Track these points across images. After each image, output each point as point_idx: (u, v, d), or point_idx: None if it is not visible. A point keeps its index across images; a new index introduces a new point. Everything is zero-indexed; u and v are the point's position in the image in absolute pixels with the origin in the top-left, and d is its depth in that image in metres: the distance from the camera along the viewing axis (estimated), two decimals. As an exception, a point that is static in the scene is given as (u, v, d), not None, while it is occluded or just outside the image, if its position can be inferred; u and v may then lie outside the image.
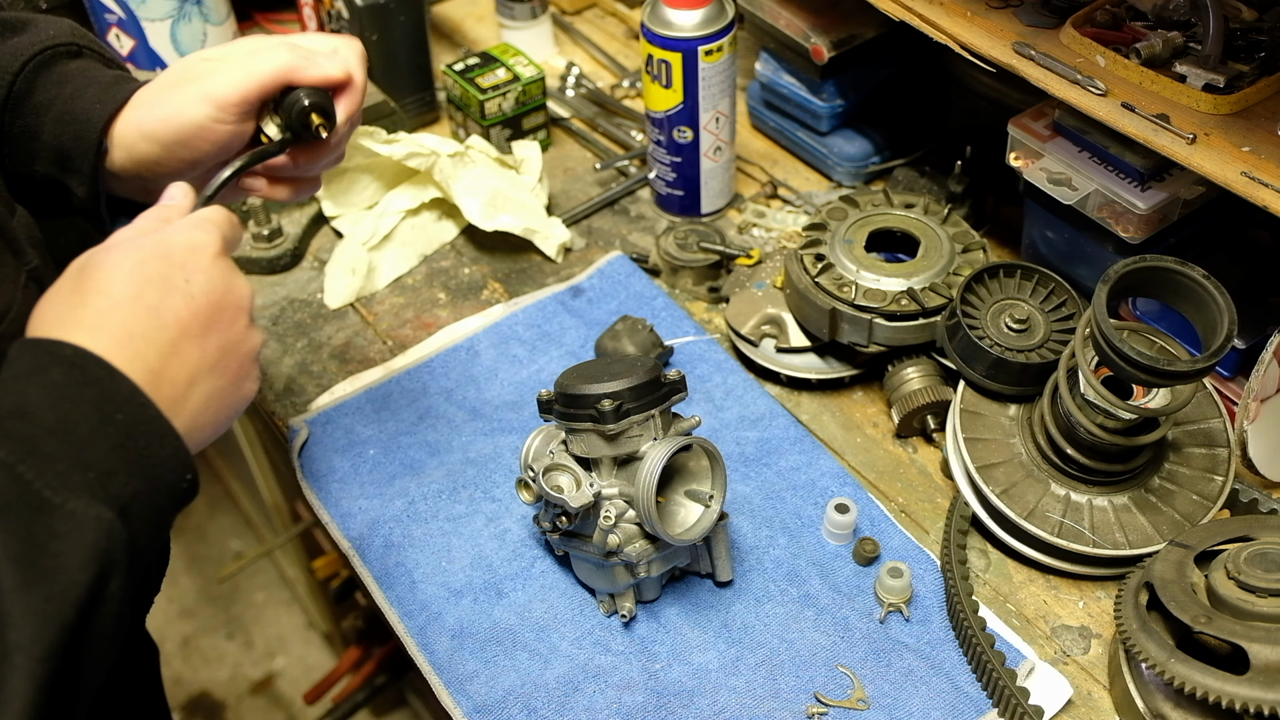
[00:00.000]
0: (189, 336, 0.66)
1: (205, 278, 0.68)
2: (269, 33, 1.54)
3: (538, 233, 1.23)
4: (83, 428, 0.59)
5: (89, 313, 0.64)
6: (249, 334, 0.71)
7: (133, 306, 0.64)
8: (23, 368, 0.60)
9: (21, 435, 0.57)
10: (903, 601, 0.93)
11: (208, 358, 0.67)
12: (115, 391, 0.61)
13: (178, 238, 0.68)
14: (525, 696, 0.89)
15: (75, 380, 0.60)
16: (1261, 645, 0.76)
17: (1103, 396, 0.89)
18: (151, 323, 0.65)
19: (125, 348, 0.63)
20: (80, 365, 0.61)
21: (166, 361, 0.64)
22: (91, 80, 0.85)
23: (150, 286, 0.65)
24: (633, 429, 0.87)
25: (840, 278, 1.06)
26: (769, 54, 1.30)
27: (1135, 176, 0.99)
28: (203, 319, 0.67)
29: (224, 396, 0.69)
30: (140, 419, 0.61)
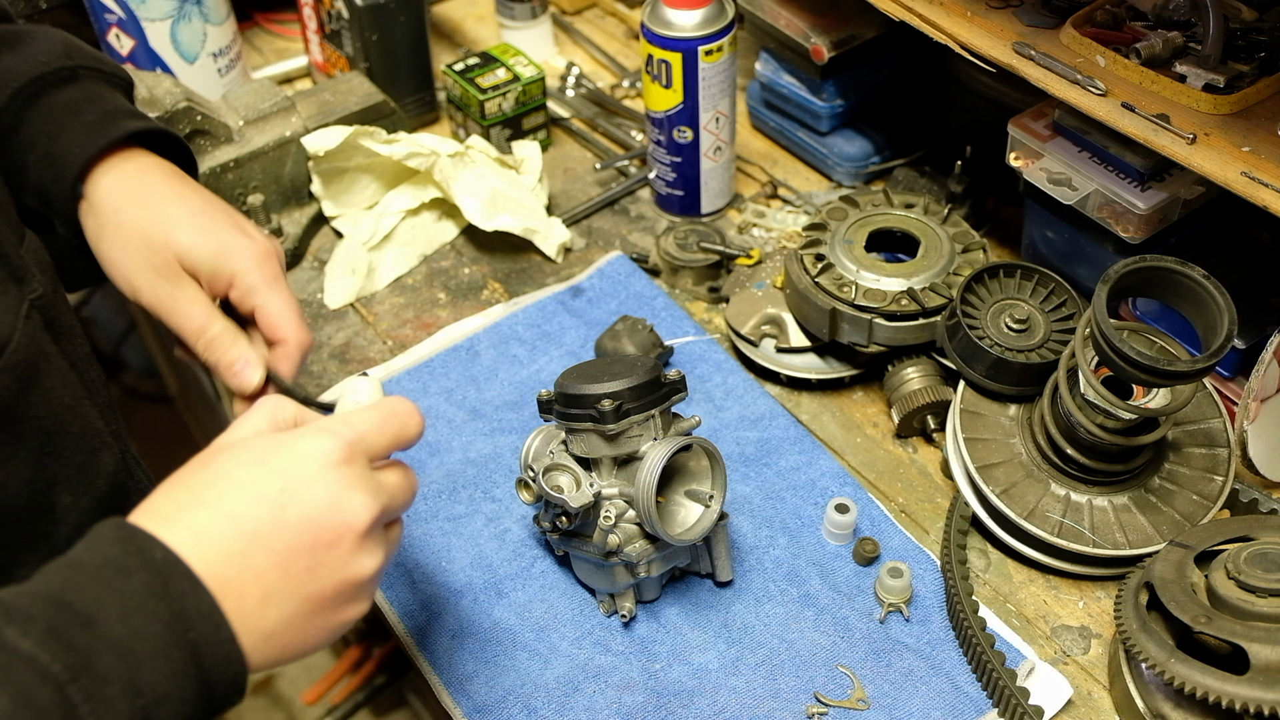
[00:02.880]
0: (271, 553, 0.60)
1: (305, 491, 0.61)
2: (269, 33, 1.54)
3: (538, 233, 1.23)
4: (147, 647, 0.55)
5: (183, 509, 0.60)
6: (353, 559, 0.63)
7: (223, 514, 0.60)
8: (106, 559, 0.56)
9: (83, 648, 0.53)
10: (903, 601, 0.93)
11: (293, 579, 0.61)
12: (195, 607, 0.57)
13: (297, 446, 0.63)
14: (525, 696, 0.89)
15: (155, 591, 0.56)
16: (1261, 645, 0.76)
17: (1103, 396, 0.89)
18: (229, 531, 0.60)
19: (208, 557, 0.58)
20: (165, 573, 0.57)
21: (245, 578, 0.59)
22: (77, 116, 0.82)
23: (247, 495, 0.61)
24: (633, 429, 0.87)
25: (840, 278, 1.06)
26: (769, 54, 1.30)
27: (1135, 176, 0.99)
28: (290, 538, 0.61)
29: (307, 620, 0.62)
30: (212, 640, 0.57)
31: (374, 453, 0.66)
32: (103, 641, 0.54)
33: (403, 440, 0.68)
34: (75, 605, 0.54)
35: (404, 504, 0.68)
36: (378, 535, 0.65)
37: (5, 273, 0.71)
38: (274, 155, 1.23)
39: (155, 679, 0.55)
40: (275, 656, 0.62)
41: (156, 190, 0.82)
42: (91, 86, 0.85)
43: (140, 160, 0.84)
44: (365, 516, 0.63)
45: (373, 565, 0.64)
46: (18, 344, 0.69)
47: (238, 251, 0.81)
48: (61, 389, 0.74)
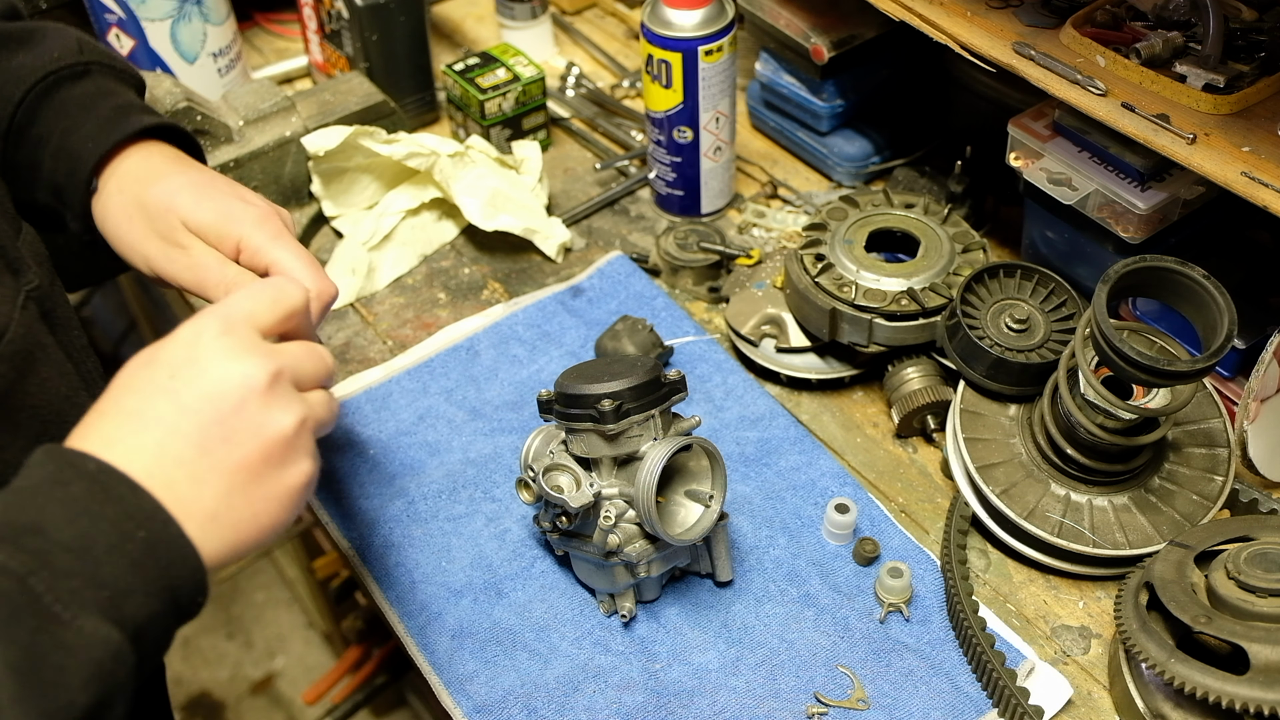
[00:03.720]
0: (181, 435, 0.61)
1: (194, 370, 0.62)
2: (269, 33, 1.54)
3: (538, 233, 1.23)
4: (100, 545, 0.56)
5: (91, 427, 0.61)
6: (265, 416, 0.63)
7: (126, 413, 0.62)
8: (43, 479, 0.58)
9: (36, 550, 0.55)
10: (903, 601, 0.93)
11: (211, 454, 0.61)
12: (138, 508, 0.58)
13: (176, 334, 0.64)
14: (525, 696, 0.89)
15: (96, 496, 0.57)
16: (1261, 645, 0.76)
17: (1103, 396, 0.89)
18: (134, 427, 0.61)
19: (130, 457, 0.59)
20: (100, 479, 0.58)
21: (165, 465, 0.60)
22: (90, 112, 0.84)
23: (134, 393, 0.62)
24: (633, 429, 0.87)
25: (840, 278, 1.06)
26: (769, 54, 1.30)
27: (1135, 176, 0.99)
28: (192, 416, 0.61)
29: (249, 491, 0.62)
30: (163, 537, 0.58)
31: (257, 322, 0.66)
32: (55, 543, 0.55)
33: (284, 304, 0.68)
34: (20, 520, 0.56)
35: (311, 370, 0.68)
36: (285, 392, 0.64)
37: (1, 264, 0.72)
38: (274, 155, 1.23)
39: (115, 572, 0.56)
40: (231, 539, 0.62)
41: (158, 169, 0.85)
42: (104, 82, 0.86)
43: (152, 151, 0.86)
44: (260, 375, 0.63)
45: (288, 420, 0.64)
46: (13, 334, 0.70)
47: (239, 215, 0.83)
48: (58, 379, 0.74)
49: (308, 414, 0.66)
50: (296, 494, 0.65)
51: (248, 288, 0.69)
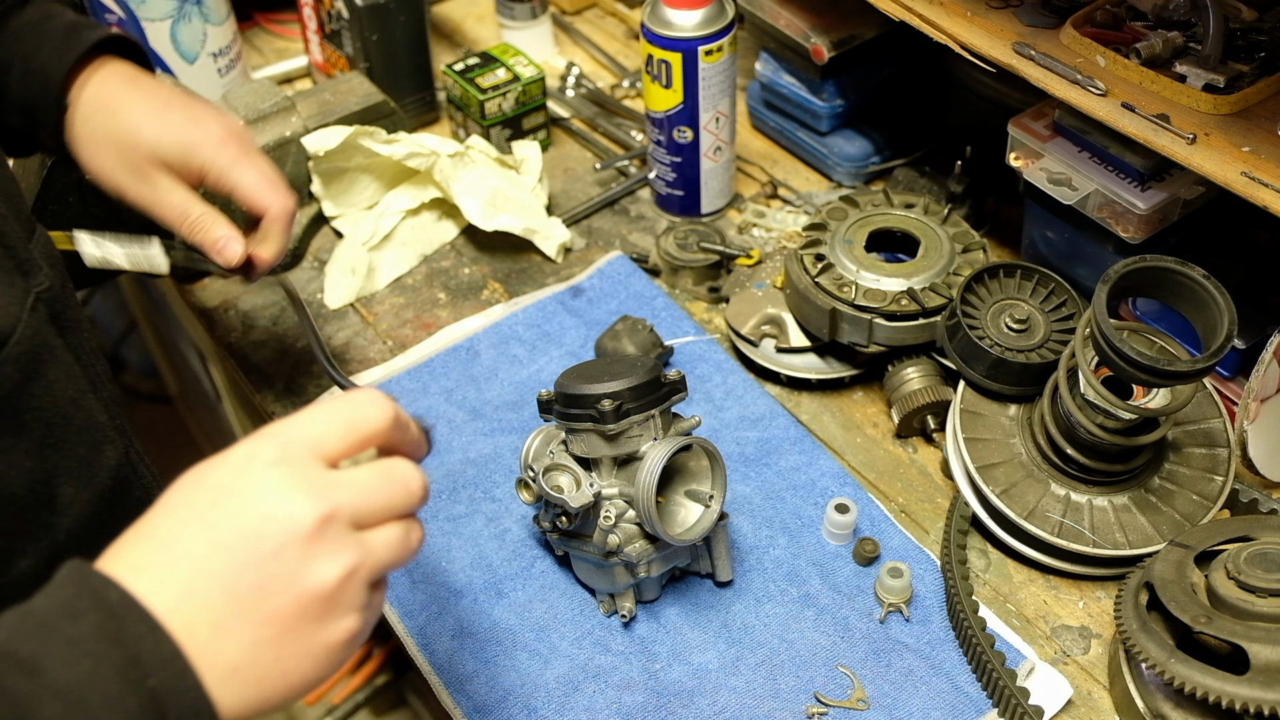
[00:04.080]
0: (209, 576, 0.54)
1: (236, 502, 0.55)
2: (269, 33, 1.54)
3: (538, 233, 1.23)
4: (98, 694, 0.50)
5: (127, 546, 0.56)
6: (305, 567, 0.55)
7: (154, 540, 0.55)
8: (57, 603, 0.52)
9: (23, 695, 0.49)
10: (903, 601, 0.93)
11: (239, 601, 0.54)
12: (154, 651, 0.52)
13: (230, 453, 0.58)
14: (525, 696, 0.89)
15: (108, 635, 0.51)
16: (1261, 645, 0.76)
17: (1103, 396, 0.89)
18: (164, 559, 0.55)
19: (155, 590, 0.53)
20: (120, 616, 0.52)
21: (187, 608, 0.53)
22: (46, 33, 0.87)
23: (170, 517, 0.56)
24: (633, 429, 0.87)
25: (840, 278, 1.06)
26: (769, 54, 1.30)
27: (1135, 176, 0.99)
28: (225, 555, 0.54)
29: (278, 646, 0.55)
30: (175, 688, 0.52)
31: (323, 449, 0.58)
32: (47, 690, 0.49)
33: (359, 430, 0.59)
34: (20, 653, 0.50)
35: (382, 502, 0.59)
36: (336, 537, 0.56)
37: (12, 265, 0.71)
38: (274, 155, 1.23)
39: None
40: (253, 696, 0.55)
41: (121, 94, 0.88)
42: (47, 5, 0.90)
43: (108, 67, 0.89)
44: (307, 516, 0.55)
45: (332, 571, 0.55)
46: (21, 335, 0.69)
47: (198, 144, 0.88)
48: (65, 382, 0.74)
49: (361, 561, 0.57)
50: (335, 652, 0.57)
51: (321, 406, 0.60)
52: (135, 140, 0.87)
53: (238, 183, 0.89)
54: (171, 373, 2.26)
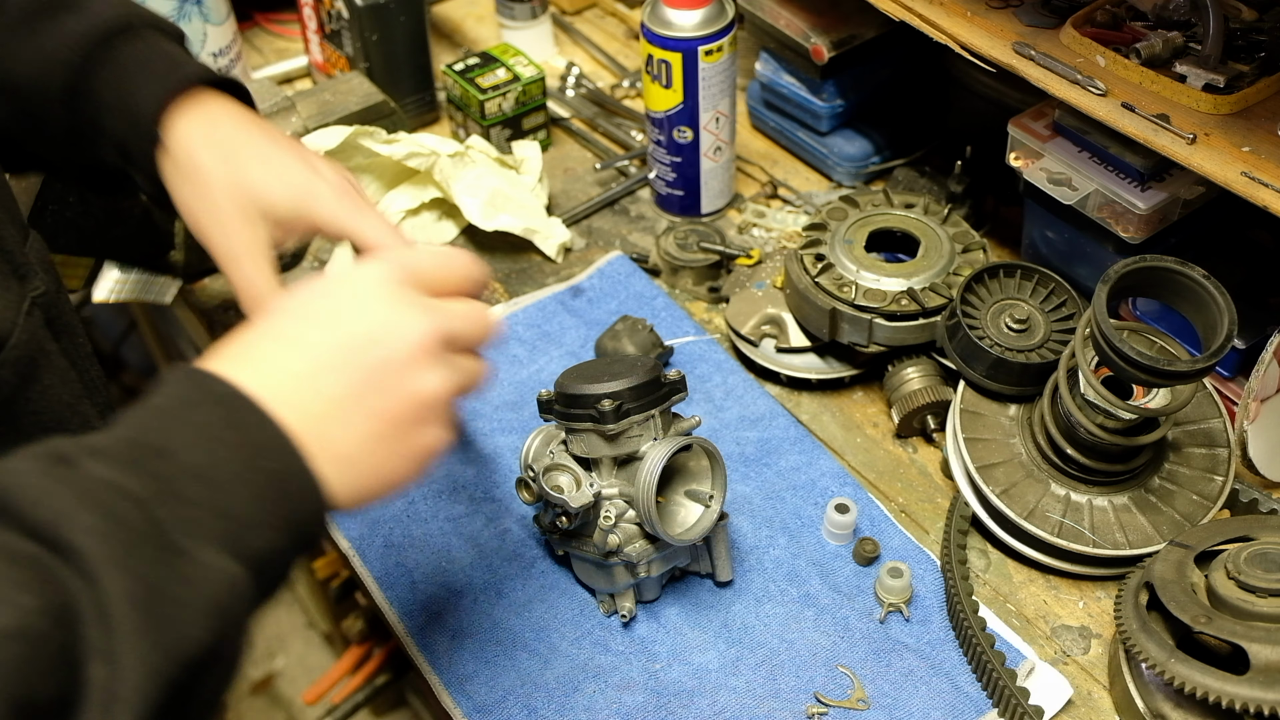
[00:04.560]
0: (332, 369, 0.60)
1: (355, 306, 0.62)
2: (269, 33, 1.54)
3: (538, 233, 1.23)
4: (226, 473, 0.55)
5: (243, 347, 0.61)
6: (417, 374, 0.63)
7: (279, 341, 0.61)
8: (172, 400, 0.57)
9: (161, 474, 0.54)
10: (903, 601, 0.93)
11: (356, 394, 0.61)
12: (264, 438, 0.57)
13: (345, 272, 0.65)
14: (525, 696, 0.89)
15: (223, 421, 0.56)
16: (1261, 645, 0.76)
17: (1103, 396, 0.89)
18: (292, 354, 0.61)
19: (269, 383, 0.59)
20: (230, 405, 0.57)
21: (307, 397, 0.59)
22: (145, 67, 0.83)
23: (298, 319, 0.62)
24: (633, 429, 0.87)
25: (840, 278, 1.06)
26: (769, 54, 1.30)
27: (1135, 176, 0.99)
28: (346, 351, 0.61)
29: (383, 440, 0.62)
30: (288, 469, 0.57)
31: (425, 281, 0.66)
32: (181, 469, 0.54)
33: (453, 270, 0.68)
34: (149, 440, 0.55)
35: (472, 332, 0.67)
36: (440, 355, 0.64)
37: (8, 269, 0.71)
38: (274, 155, 1.23)
39: (239, 503, 0.55)
40: (357, 486, 0.61)
41: (228, 134, 0.83)
42: (153, 39, 0.85)
43: (210, 104, 0.84)
44: (421, 329, 0.62)
45: (438, 383, 0.63)
46: (17, 340, 0.69)
47: (317, 195, 0.82)
48: (61, 386, 0.74)
49: (458, 382, 0.65)
50: (428, 458, 0.64)
51: (440, 251, 0.69)
52: (243, 186, 0.81)
53: (361, 233, 0.83)
54: (171, 373, 2.26)
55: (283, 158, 0.83)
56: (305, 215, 0.82)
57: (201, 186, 0.82)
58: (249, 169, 0.81)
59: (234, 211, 0.81)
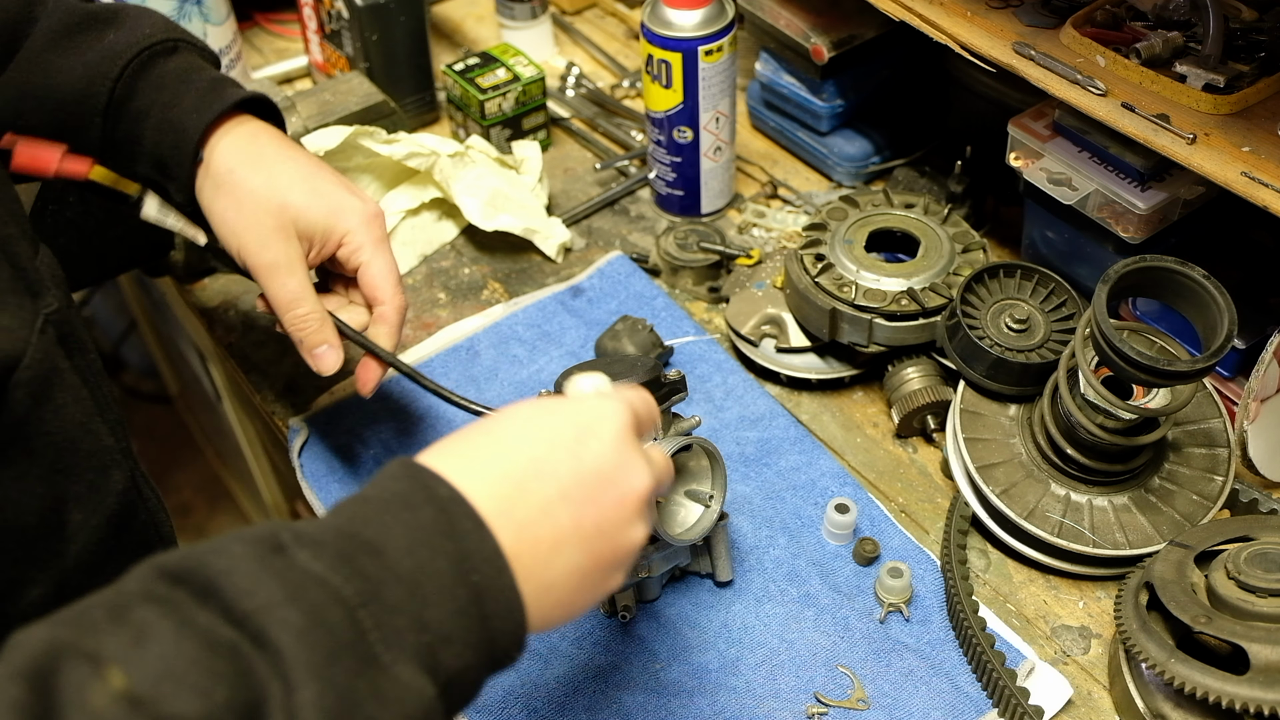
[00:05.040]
0: (567, 500, 0.60)
1: (600, 445, 0.62)
2: (269, 33, 1.54)
3: (538, 233, 1.23)
4: (434, 583, 0.54)
5: (471, 450, 0.61)
6: (632, 527, 0.63)
7: (515, 455, 0.60)
8: (393, 494, 0.57)
9: (371, 575, 0.53)
10: (903, 601, 0.93)
11: (582, 530, 0.60)
12: (478, 549, 0.56)
13: (586, 403, 0.65)
14: (525, 696, 0.89)
15: (441, 528, 0.56)
16: (1261, 645, 0.76)
17: (1103, 396, 0.89)
18: (530, 472, 0.60)
19: (497, 496, 0.58)
20: (450, 511, 0.56)
21: (537, 520, 0.59)
22: (188, 85, 0.86)
23: (539, 439, 0.61)
24: None
25: (840, 278, 1.06)
26: (769, 54, 1.30)
27: (1135, 176, 0.99)
28: (586, 487, 0.61)
29: (586, 577, 0.61)
30: (495, 586, 0.56)
31: (641, 428, 0.67)
32: (390, 572, 0.53)
33: (652, 421, 0.70)
34: (364, 536, 0.54)
35: (666, 485, 0.70)
36: (650, 508, 0.65)
37: (21, 286, 0.69)
38: (274, 155, 1.23)
39: (441, 616, 0.54)
40: (550, 613, 0.60)
41: (268, 154, 0.86)
42: (192, 58, 0.88)
43: (249, 125, 0.87)
44: (646, 481, 0.63)
45: (641, 535, 0.64)
46: (31, 359, 0.67)
47: (349, 210, 0.87)
48: (73, 405, 0.72)
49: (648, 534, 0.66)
50: (601, 599, 0.65)
51: (639, 392, 0.69)
52: (281, 202, 0.85)
53: (369, 265, 0.88)
54: (171, 373, 2.26)
55: (319, 178, 0.87)
56: (336, 233, 0.87)
57: (241, 202, 0.85)
58: (288, 187, 0.85)
59: (273, 226, 0.85)
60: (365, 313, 0.93)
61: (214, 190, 0.86)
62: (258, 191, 0.85)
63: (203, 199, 0.87)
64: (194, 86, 0.86)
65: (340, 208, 0.87)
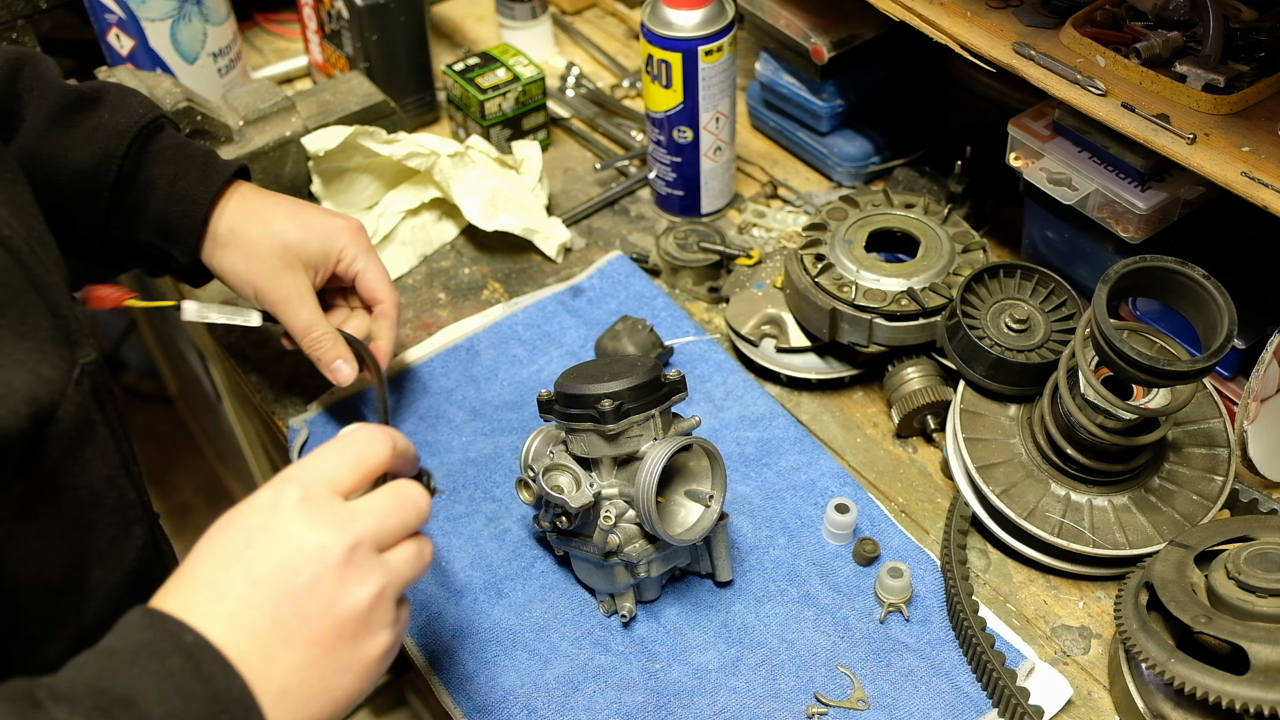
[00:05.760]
0: (252, 606, 0.60)
1: (267, 539, 0.62)
2: (269, 33, 1.54)
3: (538, 233, 1.23)
4: None
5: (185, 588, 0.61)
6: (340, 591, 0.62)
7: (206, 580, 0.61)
8: (139, 646, 0.57)
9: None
10: (903, 601, 0.93)
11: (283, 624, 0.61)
12: (226, 691, 0.57)
13: (256, 500, 0.64)
14: (525, 696, 0.89)
15: (190, 674, 0.57)
16: (1261, 645, 0.76)
17: (1103, 396, 0.89)
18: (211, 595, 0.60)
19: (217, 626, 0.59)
20: (196, 658, 0.57)
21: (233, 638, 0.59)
22: (186, 160, 0.97)
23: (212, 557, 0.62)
24: (633, 429, 0.87)
25: (840, 278, 1.06)
26: (769, 54, 1.30)
27: (1135, 176, 0.99)
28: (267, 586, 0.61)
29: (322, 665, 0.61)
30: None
31: (338, 485, 0.65)
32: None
33: (367, 463, 0.67)
34: (114, 690, 0.55)
35: (397, 524, 0.66)
36: (363, 561, 0.63)
37: (60, 335, 0.68)
38: (274, 155, 1.23)
39: None
40: (302, 714, 0.61)
41: (258, 208, 0.98)
42: (169, 131, 0.99)
43: (239, 188, 0.99)
44: (336, 547, 0.62)
45: (364, 593, 0.62)
46: (65, 411, 0.66)
47: (337, 231, 1.00)
48: (101, 460, 0.71)
49: (388, 581, 0.64)
50: (373, 666, 0.64)
51: (330, 447, 0.67)
52: (282, 242, 0.97)
53: (363, 270, 1.01)
54: (171, 373, 2.26)
55: (306, 213, 0.99)
56: (332, 254, 0.99)
57: (248, 254, 0.97)
58: (283, 228, 0.97)
59: (280, 266, 0.97)
60: (366, 317, 1.04)
61: (220, 249, 0.97)
62: (259, 241, 0.97)
63: (210, 258, 0.98)
64: (192, 162, 0.97)
65: (329, 232, 0.99)
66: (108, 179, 0.93)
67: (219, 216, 0.97)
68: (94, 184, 0.94)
